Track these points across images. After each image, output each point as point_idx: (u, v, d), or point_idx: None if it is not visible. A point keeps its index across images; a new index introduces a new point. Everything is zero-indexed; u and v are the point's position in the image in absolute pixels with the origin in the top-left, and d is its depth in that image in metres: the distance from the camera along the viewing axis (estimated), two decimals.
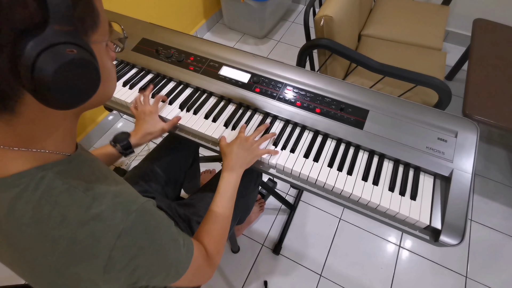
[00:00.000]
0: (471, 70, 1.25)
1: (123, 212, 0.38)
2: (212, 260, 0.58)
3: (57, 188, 0.37)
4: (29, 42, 0.29)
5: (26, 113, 0.34)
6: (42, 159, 0.38)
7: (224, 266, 1.31)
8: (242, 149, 0.72)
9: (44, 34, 0.29)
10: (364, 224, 1.42)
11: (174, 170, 0.95)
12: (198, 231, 0.62)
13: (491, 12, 1.88)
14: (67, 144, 0.42)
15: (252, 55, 0.92)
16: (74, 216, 0.36)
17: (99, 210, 0.37)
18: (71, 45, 0.31)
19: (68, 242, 0.36)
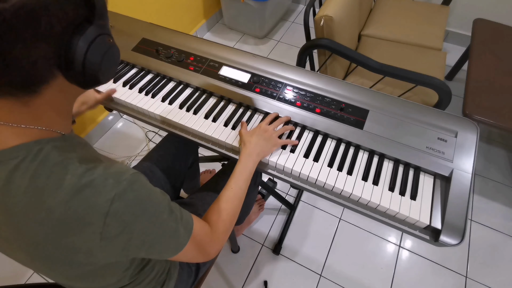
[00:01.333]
0: (471, 70, 1.25)
1: (114, 180, 0.40)
2: (217, 238, 0.58)
3: (53, 160, 0.39)
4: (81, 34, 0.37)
5: (47, 96, 0.39)
6: (40, 134, 0.40)
7: (224, 266, 1.31)
8: (262, 138, 0.73)
9: (92, 27, 0.38)
10: (364, 224, 1.42)
11: (173, 170, 0.95)
12: (209, 210, 0.63)
13: (491, 12, 1.88)
14: (65, 125, 0.45)
15: (252, 55, 0.92)
16: (68, 184, 0.38)
17: (92, 178, 0.39)
18: (108, 36, 0.41)
19: (63, 210, 0.37)
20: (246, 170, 0.69)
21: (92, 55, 0.38)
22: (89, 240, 0.39)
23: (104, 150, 1.68)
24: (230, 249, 1.35)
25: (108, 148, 1.70)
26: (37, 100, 0.38)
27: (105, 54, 0.41)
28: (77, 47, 0.37)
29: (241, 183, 0.67)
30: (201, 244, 0.53)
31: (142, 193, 0.42)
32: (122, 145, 1.72)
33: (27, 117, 0.39)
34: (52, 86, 0.38)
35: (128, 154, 1.68)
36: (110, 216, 0.38)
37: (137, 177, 0.42)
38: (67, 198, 0.37)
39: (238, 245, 1.34)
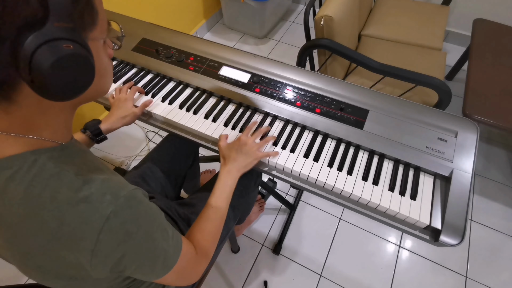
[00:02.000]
0: (471, 70, 1.25)
1: (112, 196, 0.38)
2: (203, 257, 0.57)
3: (48, 171, 0.38)
4: (29, 36, 0.31)
5: (24, 103, 0.36)
6: (36, 145, 0.39)
7: (224, 266, 1.31)
8: (241, 153, 0.72)
9: (43, 29, 0.32)
10: (364, 224, 1.41)
11: (174, 170, 0.95)
12: (191, 229, 0.61)
13: (491, 12, 1.88)
14: (62, 134, 0.43)
15: (252, 55, 0.92)
16: (64, 197, 0.37)
17: (89, 193, 0.38)
18: (67, 41, 0.33)
19: (57, 223, 0.37)
20: (226, 187, 0.68)
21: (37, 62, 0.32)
22: (81, 256, 0.38)
23: (104, 150, 1.68)
24: (230, 249, 1.35)
25: (108, 148, 1.70)
26: (14, 107, 0.36)
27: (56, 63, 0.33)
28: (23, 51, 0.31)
29: (222, 202, 0.66)
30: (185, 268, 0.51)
31: (139, 211, 0.41)
32: (122, 145, 1.72)
33: (12, 125, 0.37)
34: (23, 94, 0.35)
35: (128, 154, 1.68)
36: (103, 233, 0.37)
37: (135, 193, 0.41)
38: (62, 212, 0.36)
39: (238, 245, 1.34)
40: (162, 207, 0.80)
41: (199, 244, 0.57)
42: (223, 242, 0.86)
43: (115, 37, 0.48)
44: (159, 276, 0.47)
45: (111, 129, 0.80)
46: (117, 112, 0.81)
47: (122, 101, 0.83)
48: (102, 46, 0.42)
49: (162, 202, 0.82)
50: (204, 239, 0.59)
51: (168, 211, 0.80)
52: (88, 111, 1.65)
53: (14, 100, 0.35)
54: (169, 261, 0.47)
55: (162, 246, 0.45)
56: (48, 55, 0.32)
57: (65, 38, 0.33)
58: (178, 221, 0.80)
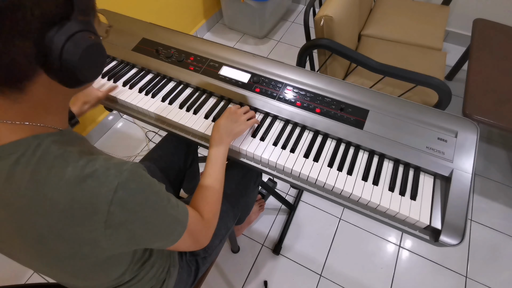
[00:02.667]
0: (471, 70, 1.25)
1: (115, 170, 0.40)
2: (208, 222, 0.60)
3: (53, 153, 0.39)
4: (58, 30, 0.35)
5: (34, 93, 0.39)
6: (38, 130, 0.41)
7: (224, 266, 1.31)
8: (230, 120, 0.75)
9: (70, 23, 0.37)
10: (364, 224, 1.42)
11: (173, 170, 0.95)
12: (193, 199, 0.63)
13: (491, 12, 1.88)
14: (62, 121, 0.46)
15: (252, 55, 0.92)
16: (70, 176, 0.38)
17: (94, 169, 0.39)
18: (89, 32, 0.39)
19: (67, 201, 0.38)
20: (219, 153, 0.70)
21: (68, 52, 0.36)
22: (94, 230, 0.39)
23: (104, 150, 1.68)
24: (230, 249, 1.35)
25: (108, 148, 1.70)
26: (25, 97, 0.38)
27: (84, 52, 0.38)
28: (53, 43, 0.35)
29: (218, 167, 0.69)
30: (196, 231, 0.54)
31: (144, 182, 0.43)
32: (122, 145, 1.72)
33: (19, 114, 0.39)
34: (36, 83, 0.38)
35: (128, 154, 1.68)
36: (114, 205, 0.39)
37: (137, 168, 0.43)
38: (70, 189, 0.38)
39: (238, 245, 1.34)
40: None
41: (204, 211, 0.60)
42: (222, 242, 0.86)
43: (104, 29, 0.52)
44: (174, 241, 0.49)
45: (81, 112, 0.83)
46: (80, 95, 0.84)
47: None
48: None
49: None
50: (208, 206, 0.62)
51: None
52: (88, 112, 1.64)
53: (27, 90, 0.38)
54: (180, 226, 0.49)
55: (171, 213, 0.47)
56: (78, 45, 0.37)
57: (87, 30, 0.39)
58: None
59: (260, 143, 0.78)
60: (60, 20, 0.36)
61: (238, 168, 0.93)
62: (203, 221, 0.58)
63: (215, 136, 0.73)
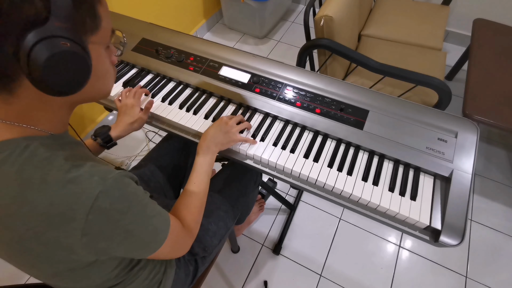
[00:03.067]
0: (471, 70, 1.25)
1: (100, 177, 0.40)
2: (190, 231, 0.59)
3: (40, 155, 0.39)
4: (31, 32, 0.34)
5: (23, 96, 0.39)
6: (30, 133, 0.41)
7: (224, 266, 1.31)
8: (220, 130, 0.73)
9: (44, 27, 0.35)
10: (364, 224, 1.41)
11: (173, 170, 0.95)
12: (174, 206, 0.63)
13: (491, 12, 1.88)
14: (57, 126, 0.45)
15: (252, 55, 0.92)
16: (53, 179, 0.38)
17: (77, 174, 0.39)
18: (65, 39, 0.36)
19: (46, 204, 0.37)
20: (205, 163, 0.70)
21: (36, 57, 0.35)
22: (70, 236, 0.39)
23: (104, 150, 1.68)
24: (230, 249, 1.35)
25: None
26: (15, 99, 0.39)
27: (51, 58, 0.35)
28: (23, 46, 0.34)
29: (203, 176, 0.68)
30: (176, 240, 0.54)
31: (127, 191, 0.42)
32: (122, 145, 1.72)
33: (11, 114, 0.40)
34: (23, 87, 0.38)
35: (128, 154, 1.68)
36: (92, 213, 0.38)
37: (123, 176, 0.43)
38: (51, 193, 0.38)
39: (238, 245, 1.34)
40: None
41: (185, 219, 0.60)
42: (222, 241, 0.86)
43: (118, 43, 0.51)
44: (153, 251, 0.49)
45: (120, 136, 0.80)
46: (125, 118, 0.81)
47: (129, 107, 0.82)
48: (105, 51, 0.45)
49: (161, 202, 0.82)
50: (189, 214, 0.62)
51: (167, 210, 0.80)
52: (87, 111, 1.65)
53: (14, 92, 0.38)
54: (160, 236, 0.49)
55: (152, 223, 0.47)
56: (45, 50, 0.35)
57: (63, 36, 0.36)
58: None
59: (260, 144, 0.78)
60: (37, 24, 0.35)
61: (238, 168, 0.93)
62: (184, 229, 0.57)
63: (202, 144, 0.72)
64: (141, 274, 0.60)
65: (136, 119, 0.81)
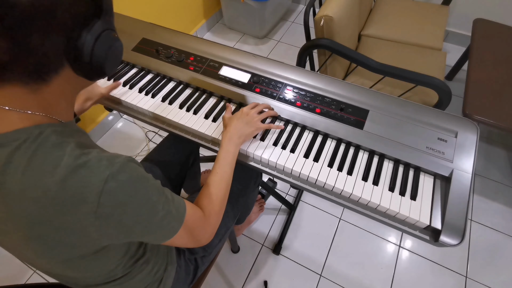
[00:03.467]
0: (471, 70, 1.25)
1: (108, 161, 0.41)
2: (209, 220, 0.60)
3: (51, 141, 0.41)
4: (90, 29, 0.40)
5: (55, 84, 0.42)
6: (42, 121, 0.43)
7: (224, 266, 1.31)
8: (242, 122, 0.74)
9: (99, 22, 0.41)
10: (364, 224, 1.42)
11: (174, 170, 0.95)
12: (198, 196, 0.63)
13: (491, 12, 1.88)
14: (68, 114, 0.48)
15: (252, 55, 0.92)
16: (64, 164, 0.39)
17: (87, 159, 0.40)
18: (113, 31, 0.45)
19: (58, 189, 0.38)
20: (229, 153, 0.70)
21: (98, 48, 0.42)
22: (84, 219, 0.39)
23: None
24: (230, 249, 1.35)
25: (108, 148, 1.68)
26: (45, 88, 0.41)
27: (110, 48, 0.44)
28: (86, 40, 0.40)
29: (226, 167, 0.68)
30: (194, 228, 0.54)
31: (135, 175, 0.43)
32: (122, 145, 1.72)
33: (33, 104, 0.41)
34: (60, 76, 0.41)
35: (128, 154, 1.68)
36: (104, 195, 0.39)
37: (130, 161, 0.44)
38: (63, 178, 0.38)
39: (238, 245, 1.34)
40: None
41: (206, 208, 0.60)
42: (222, 241, 0.86)
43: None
44: (168, 236, 0.49)
45: (82, 109, 0.82)
46: (82, 92, 0.83)
47: None
48: None
49: None
50: (212, 203, 0.62)
51: None
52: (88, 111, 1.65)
53: (49, 82, 0.41)
54: (175, 221, 0.49)
55: (164, 207, 0.47)
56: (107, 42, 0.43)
57: (112, 28, 0.44)
58: None
59: (260, 143, 0.78)
60: (91, 19, 0.40)
61: (238, 168, 0.93)
62: (204, 218, 0.58)
63: (225, 135, 0.73)
64: (145, 268, 0.60)
65: (95, 94, 0.84)
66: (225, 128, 0.75)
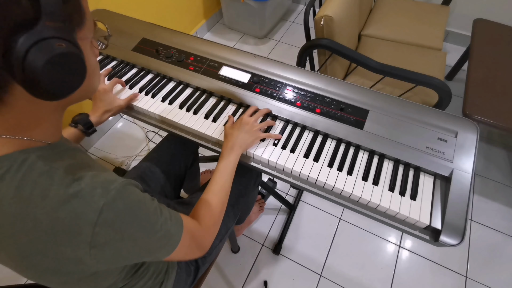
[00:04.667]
0: (471, 70, 1.25)
1: (102, 189, 0.38)
2: (208, 231, 0.59)
3: (38, 169, 0.38)
4: (22, 36, 0.31)
5: (15, 104, 0.36)
6: (25, 145, 0.39)
7: (224, 266, 1.31)
8: (243, 131, 0.74)
9: (36, 29, 0.32)
10: (364, 224, 1.42)
11: (174, 170, 0.95)
12: (197, 204, 0.63)
13: (491, 12, 1.88)
14: (51, 135, 0.43)
15: (252, 55, 0.92)
16: (54, 195, 0.37)
17: (79, 188, 0.38)
18: (60, 40, 0.34)
19: (50, 221, 0.36)
20: (229, 163, 0.70)
21: (31, 61, 0.32)
22: (78, 249, 0.38)
23: (104, 150, 1.68)
24: (230, 249, 1.35)
25: (108, 148, 1.70)
26: (6, 109, 0.36)
27: (49, 61, 0.33)
28: (15, 51, 0.31)
29: (226, 177, 0.68)
30: (193, 241, 0.53)
31: (132, 200, 0.41)
32: (122, 145, 1.72)
33: (3, 126, 0.37)
34: (14, 95, 0.35)
35: (128, 154, 1.68)
36: (99, 226, 0.37)
37: (126, 185, 0.42)
38: (54, 209, 0.36)
39: (238, 245, 1.34)
40: None
41: (204, 218, 0.59)
42: (222, 241, 0.86)
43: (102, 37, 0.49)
44: (166, 254, 0.48)
45: (100, 121, 0.81)
46: (100, 104, 0.81)
47: (102, 92, 0.81)
48: (90, 46, 0.42)
49: (162, 202, 0.82)
50: (209, 213, 0.61)
51: None
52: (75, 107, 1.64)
53: (5, 102, 0.35)
54: (173, 240, 0.48)
55: (162, 227, 0.45)
56: (41, 54, 0.32)
57: (57, 36, 0.34)
58: None
59: (260, 143, 0.78)
60: (26, 26, 0.32)
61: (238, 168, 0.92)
62: (201, 229, 0.57)
63: (226, 146, 0.72)
64: (146, 274, 0.60)
65: (113, 106, 0.82)
66: (226, 138, 0.74)
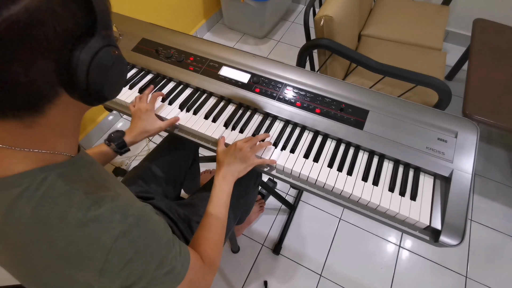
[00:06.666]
0: (471, 70, 1.25)
1: (121, 215, 0.38)
2: (210, 266, 0.57)
3: (58, 189, 0.37)
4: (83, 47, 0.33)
5: (52, 115, 0.36)
6: (46, 159, 0.39)
7: (224, 266, 1.31)
8: (235, 158, 0.71)
9: (95, 39, 0.34)
10: (364, 224, 1.41)
11: (174, 170, 0.95)
12: (193, 239, 0.61)
13: (491, 12, 1.88)
14: (72, 145, 0.43)
15: (252, 55, 0.92)
16: (73, 217, 0.36)
17: (99, 213, 0.37)
18: (112, 47, 0.37)
19: (65, 243, 0.36)
20: (223, 193, 0.68)
21: (95, 70, 0.35)
22: (88, 275, 0.38)
23: None
24: (230, 249, 1.35)
25: None
26: (41, 120, 0.36)
27: (110, 68, 0.37)
28: (79, 62, 0.33)
29: (221, 208, 0.66)
30: (196, 277, 0.51)
31: (147, 229, 0.41)
32: None
33: (30, 139, 0.37)
34: (56, 105, 0.36)
35: (128, 154, 1.68)
36: (112, 253, 0.37)
37: (145, 211, 0.42)
38: (71, 232, 0.36)
39: (238, 245, 1.34)
40: (162, 208, 0.80)
41: (205, 254, 0.57)
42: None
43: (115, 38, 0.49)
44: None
45: (135, 141, 0.78)
46: (140, 124, 0.78)
47: (143, 112, 0.80)
48: None
49: (162, 203, 0.82)
50: (209, 248, 0.59)
51: (168, 212, 0.80)
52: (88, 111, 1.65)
53: (45, 113, 0.35)
54: (178, 276, 0.47)
55: (170, 263, 0.44)
56: (104, 62, 0.35)
57: (111, 44, 0.37)
58: (179, 222, 0.80)
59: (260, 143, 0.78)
60: (84, 36, 0.33)
61: None
62: (205, 266, 0.55)
63: (218, 173, 0.70)
64: None
65: (153, 128, 0.79)
66: (218, 165, 0.72)
